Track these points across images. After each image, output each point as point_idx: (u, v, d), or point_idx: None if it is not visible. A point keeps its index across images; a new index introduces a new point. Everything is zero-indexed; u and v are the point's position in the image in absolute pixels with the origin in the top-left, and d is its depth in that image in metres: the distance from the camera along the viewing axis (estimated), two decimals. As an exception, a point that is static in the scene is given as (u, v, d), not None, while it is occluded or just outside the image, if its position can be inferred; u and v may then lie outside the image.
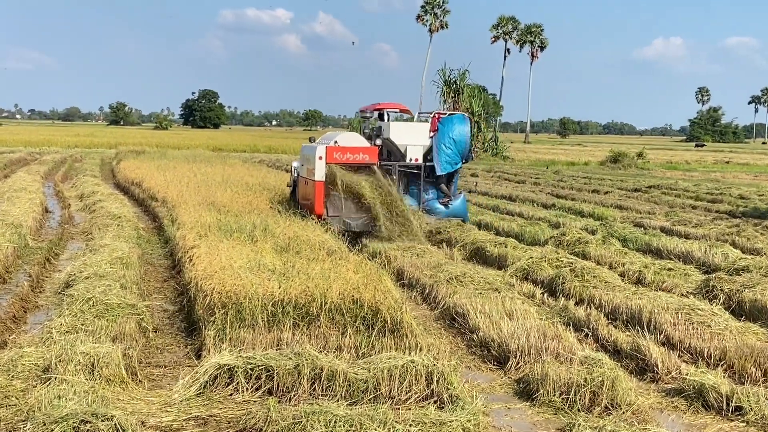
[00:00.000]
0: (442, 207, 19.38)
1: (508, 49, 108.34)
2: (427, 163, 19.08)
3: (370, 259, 11.42)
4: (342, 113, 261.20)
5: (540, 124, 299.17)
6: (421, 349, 8.46)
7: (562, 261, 13.37)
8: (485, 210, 23.31)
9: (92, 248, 13.52)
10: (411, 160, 18.76)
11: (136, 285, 11.18)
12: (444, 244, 16.55)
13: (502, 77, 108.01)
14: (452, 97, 60.42)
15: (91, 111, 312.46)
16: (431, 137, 19.03)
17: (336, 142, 17.66)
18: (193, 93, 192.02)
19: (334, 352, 8.35)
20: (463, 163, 19.49)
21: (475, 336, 9.53)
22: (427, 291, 11.93)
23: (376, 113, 20.18)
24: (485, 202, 25.88)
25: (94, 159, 46.00)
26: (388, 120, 19.63)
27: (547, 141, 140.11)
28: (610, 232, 17.61)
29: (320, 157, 17.00)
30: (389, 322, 8.93)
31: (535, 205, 25.52)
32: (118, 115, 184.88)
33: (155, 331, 9.65)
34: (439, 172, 18.91)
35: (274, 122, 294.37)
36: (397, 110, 20.67)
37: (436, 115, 19.37)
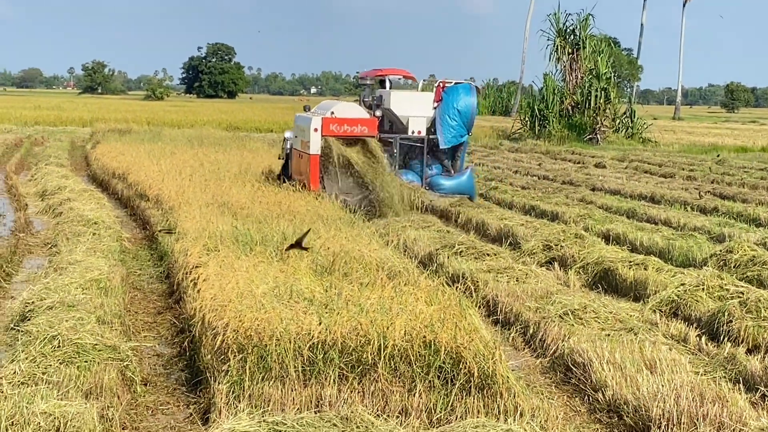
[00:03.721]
0: (445, 182, 24.59)
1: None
2: (431, 136, 24.12)
3: (449, 285, 11.40)
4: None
5: (697, 93, 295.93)
6: (522, 415, 8.47)
7: (728, 290, 13.20)
8: (615, 216, 23.09)
9: (58, 266, 13.72)
10: (413, 132, 23.88)
11: (119, 319, 11.31)
12: (555, 263, 16.48)
13: (642, 25, 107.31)
14: (569, 54, 60.20)
15: (57, 74, 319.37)
16: (435, 108, 23.98)
17: (333, 113, 22.31)
18: (199, 49, 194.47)
19: (398, 416, 8.39)
20: (468, 135, 24.63)
21: (601, 396, 9.51)
22: (531, 331, 11.93)
23: (377, 79, 25.05)
24: (615, 204, 25.65)
25: (62, 141, 46.66)
26: (390, 88, 24.95)
27: (707, 117, 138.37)
28: (800, 249, 17.34)
29: (315, 129, 21.73)
30: (476, 374, 8.92)
31: (689, 209, 25.25)
32: (95, 80, 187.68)
33: (145, 384, 9.77)
34: (442, 145, 24.03)
35: (313, 90, 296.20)
36: (400, 76, 25.82)
37: (441, 84, 24.34)
